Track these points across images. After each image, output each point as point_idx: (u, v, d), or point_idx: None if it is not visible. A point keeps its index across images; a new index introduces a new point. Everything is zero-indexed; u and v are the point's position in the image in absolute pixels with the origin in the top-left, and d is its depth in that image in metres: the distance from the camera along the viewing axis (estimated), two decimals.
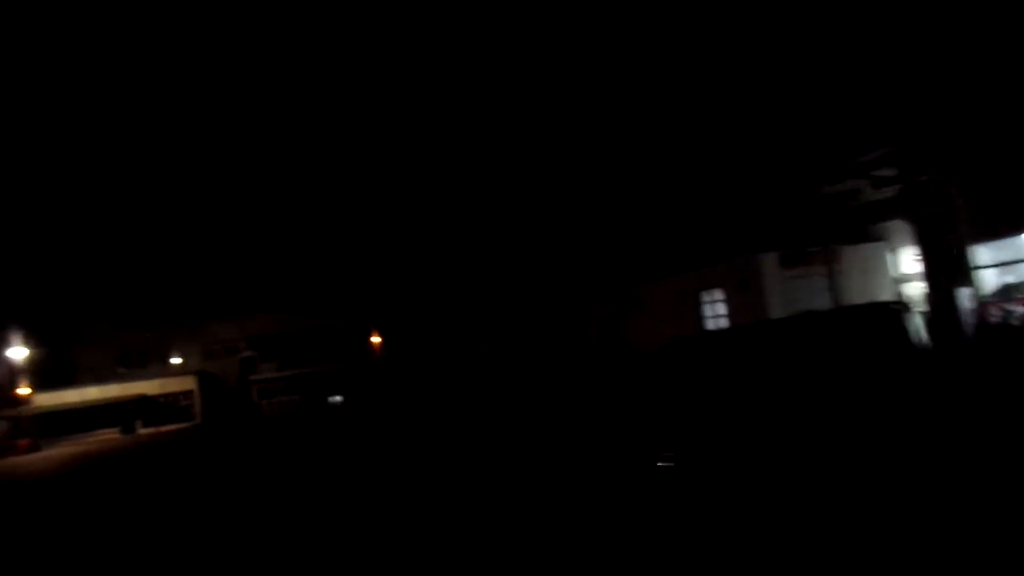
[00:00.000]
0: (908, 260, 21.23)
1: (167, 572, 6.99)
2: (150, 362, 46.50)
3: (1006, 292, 16.69)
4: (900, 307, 14.38)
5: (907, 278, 21.42)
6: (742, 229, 23.60)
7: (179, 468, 17.30)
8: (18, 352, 36.29)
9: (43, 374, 44.41)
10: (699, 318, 24.47)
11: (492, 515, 7.29)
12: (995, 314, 16.18)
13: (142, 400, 41.98)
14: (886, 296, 20.60)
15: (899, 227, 21.09)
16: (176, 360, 46.02)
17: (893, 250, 22.08)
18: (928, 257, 17.95)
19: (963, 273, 16.83)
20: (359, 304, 48.02)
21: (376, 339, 46.81)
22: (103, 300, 52.74)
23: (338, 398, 44.00)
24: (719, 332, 21.31)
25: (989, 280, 17.04)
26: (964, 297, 16.61)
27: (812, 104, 21.70)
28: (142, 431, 40.94)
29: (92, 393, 42.08)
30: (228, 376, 46.95)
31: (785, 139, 23.20)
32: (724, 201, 25.71)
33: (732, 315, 23.00)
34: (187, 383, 43.80)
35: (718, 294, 23.93)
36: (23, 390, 38.29)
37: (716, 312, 23.96)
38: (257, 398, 44.35)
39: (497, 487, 8.75)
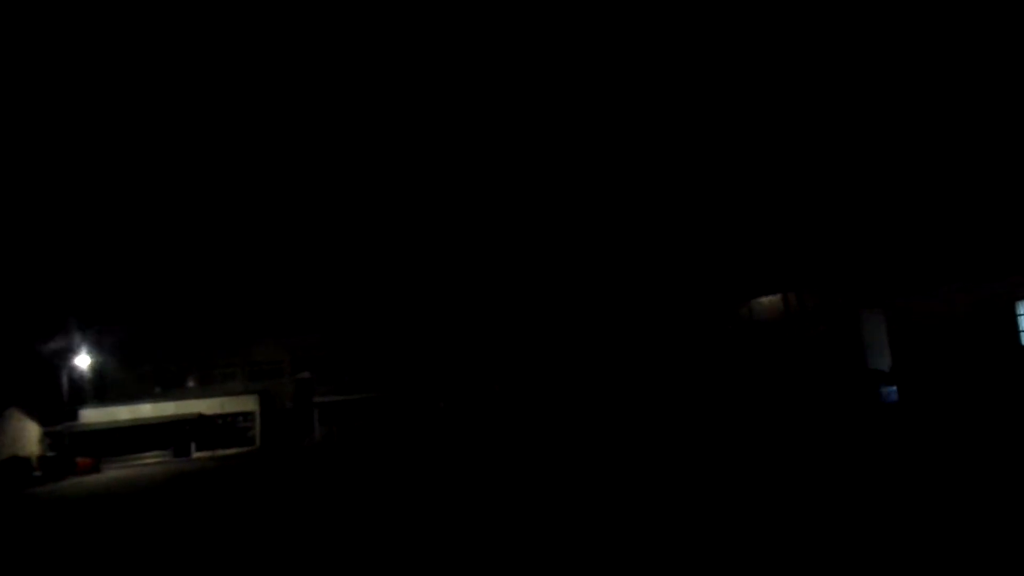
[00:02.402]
0: None
1: None
2: (187, 381, 43.28)
3: None
4: None
5: None
6: None
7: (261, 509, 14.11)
8: (83, 360, 33.23)
9: (83, 390, 41.41)
10: (1011, 335, 20.39)
11: None
12: None
13: (199, 420, 38.76)
14: None
15: None
16: (213, 381, 42.89)
17: None
18: None
19: None
20: (440, 329, 45.04)
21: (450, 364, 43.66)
22: (141, 314, 49.66)
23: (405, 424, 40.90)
24: None
25: None
26: None
27: None
28: (196, 455, 37.73)
29: (145, 411, 38.88)
30: (281, 398, 43.80)
31: None
32: None
33: None
34: (248, 403, 40.46)
35: None
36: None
37: None
38: (319, 423, 41.07)
39: None
